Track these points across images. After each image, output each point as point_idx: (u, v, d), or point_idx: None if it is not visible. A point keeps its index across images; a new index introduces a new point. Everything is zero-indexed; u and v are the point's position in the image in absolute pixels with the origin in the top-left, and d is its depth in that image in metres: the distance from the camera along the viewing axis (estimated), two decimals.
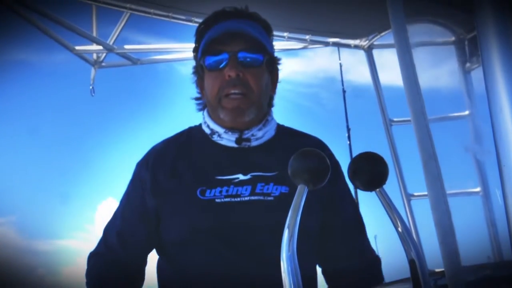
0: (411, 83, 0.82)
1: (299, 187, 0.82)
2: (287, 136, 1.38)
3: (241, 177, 1.28)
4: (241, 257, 1.23)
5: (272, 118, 1.38)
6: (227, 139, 1.31)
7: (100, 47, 3.32)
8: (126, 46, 3.42)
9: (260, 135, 1.32)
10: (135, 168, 1.38)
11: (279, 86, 1.42)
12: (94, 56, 3.42)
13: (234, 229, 1.24)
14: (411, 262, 0.81)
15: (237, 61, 1.27)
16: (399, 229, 0.84)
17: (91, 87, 3.31)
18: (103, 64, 3.42)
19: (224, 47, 1.28)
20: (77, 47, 3.29)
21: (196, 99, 1.41)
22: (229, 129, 1.31)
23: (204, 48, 1.30)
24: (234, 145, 1.31)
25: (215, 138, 1.33)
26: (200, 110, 1.40)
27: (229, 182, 1.27)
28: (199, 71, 1.35)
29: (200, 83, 1.38)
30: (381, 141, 3.45)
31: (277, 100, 1.43)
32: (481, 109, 3.16)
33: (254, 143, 1.32)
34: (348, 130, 3.40)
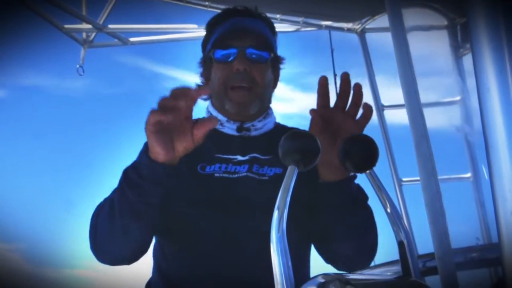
0: (405, 66, 0.81)
1: (289, 168, 0.82)
2: (284, 130, 1.48)
3: (239, 157, 1.35)
4: (235, 228, 1.27)
5: (272, 113, 1.47)
6: (229, 127, 1.39)
7: (90, 26, 3.26)
8: (117, 26, 3.36)
9: (259, 126, 1.40)
10: (143, 146, 1.41)
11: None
12: (84, 35, 3.37)
13: (231, 202, 1.29)
14: (400, 244, 0.82)
15: (245, 56, 1.34)
16: (389, 211, 0.84)
17: (78, 66, 3.26)
18: (93, 43, 3.37)
19: (234, 42, 1.35)
20: (66, 26, 3.23)
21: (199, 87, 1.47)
22: (232, 119, 1.38)
23: (215, 42, 1.38)
24: (234, 133, 1.39)
25: (217, 126, 1.39)
26: (204, 100, 1.47)
27: (228, 161, 1.34)
28: (207, 63, 1.42)
29: (205, 74, 1.45)
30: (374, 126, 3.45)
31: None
32: (472, 94, 3.17)
33: (253, 133, 1.40)
34: None
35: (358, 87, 1.21)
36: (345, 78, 1.21)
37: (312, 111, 1.22)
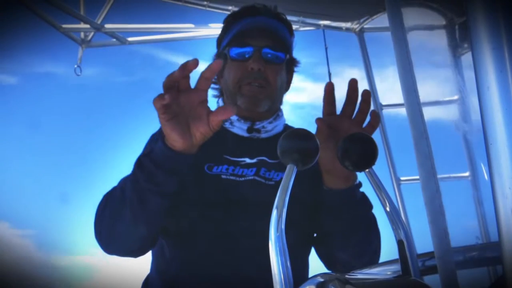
0: (405, 65, 0.81)
1: (288, 166, 0.82)
2: None
3: (247, 160, 1.35)
4: (237, 231, 1.27)
5: (282, 115, 1.46)
6: (239, 127, 1.38)
7: (88, 26, 3.26)
8: (115, 26, 3.35)
9: (269, 128, 1.39)
10: (149, 139, 1.40)
11: None
12: (82, 35, 3.36)
13: (235, 204, 1.28)
14: (400, 243, 0.81)
15: (261, 56, 1.33)
16: (388, 210, 0.83)
17: (76, 66, 3.25)
18: (91, 43, 3.36)
19: (251, 41, 1.34)
20: (64, 26, 3.22)
21: (212, 82, 1.46)
22: (242, 117, 1.37)
23: (231, 39, 1.36)
24: (244, 134, 1.38)
25: (227, 125, 1.39)
26: (215, 96, 1.46)
27: (236, 163, 1.33)
28: (221, 59, 1.39)
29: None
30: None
31: None
32: (471, 93, 3.17)
33: (263, 135, 1.39)
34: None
35: (366, 95, 1.18)
36: (353, 85, 1.18)
37: (318, 120, 1.19)
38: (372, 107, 1.26)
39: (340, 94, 1.23)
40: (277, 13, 1.44)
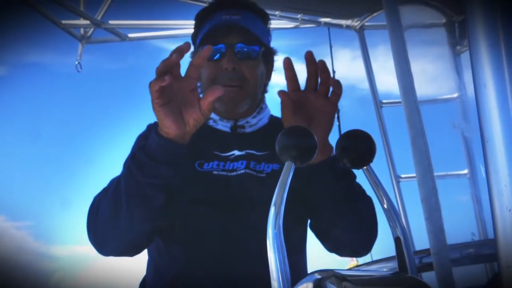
0: (402, 63, 0.81)
1: (286, 163, 0.82)
2: (279, 125, 1.43)
3: (236, 153, 1.33)
4: (235, 227, 1.26)
5: (266, 106, 1.43)
6: (222, 125, 1.36)
7: (88, 22, 3.25)
8: (115, 22, 3.35)
9: (254, 122, 1.38)
10: (136, 139, 1.39)
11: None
12: (82, 31, 3.36)
13: (230, 200, 1.28)
14: (397, 240, 0.82)
15: (233, 53, 1.30)
16: (385, 207, 0.84)
17: (77, 63, 3.26)
18: (90, 39, 3.36)
19: (222, 38, 1.30)
20: (64, 21, 3.22)
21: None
22: (224, 117, 1.35)
23: (203, 38, 1.33)
24: (229, 131, 1.36)
25: (211, 123, 1.37)
26: None
27: (225, 159, 1.32)
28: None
29: None
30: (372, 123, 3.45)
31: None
32: (470, 91, 3.17)
33: (248, 130, 1.37)
34: (338, 111, 3.38)
35: (322, 65, 1.16)
36: (309, 57, 1.16)
37: (280, 93, 1.19)
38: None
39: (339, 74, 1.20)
40: (248, 3, 1.39)
